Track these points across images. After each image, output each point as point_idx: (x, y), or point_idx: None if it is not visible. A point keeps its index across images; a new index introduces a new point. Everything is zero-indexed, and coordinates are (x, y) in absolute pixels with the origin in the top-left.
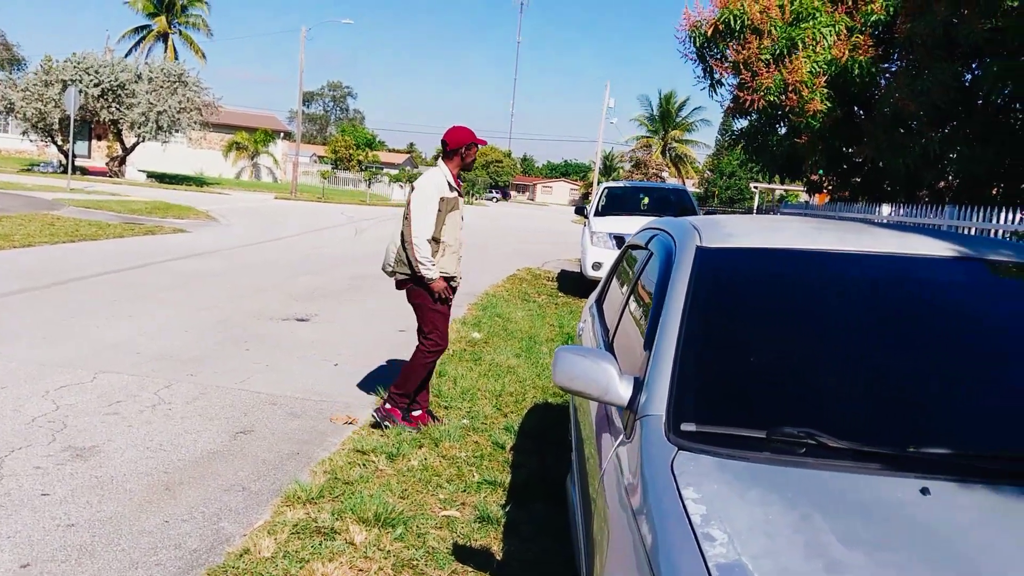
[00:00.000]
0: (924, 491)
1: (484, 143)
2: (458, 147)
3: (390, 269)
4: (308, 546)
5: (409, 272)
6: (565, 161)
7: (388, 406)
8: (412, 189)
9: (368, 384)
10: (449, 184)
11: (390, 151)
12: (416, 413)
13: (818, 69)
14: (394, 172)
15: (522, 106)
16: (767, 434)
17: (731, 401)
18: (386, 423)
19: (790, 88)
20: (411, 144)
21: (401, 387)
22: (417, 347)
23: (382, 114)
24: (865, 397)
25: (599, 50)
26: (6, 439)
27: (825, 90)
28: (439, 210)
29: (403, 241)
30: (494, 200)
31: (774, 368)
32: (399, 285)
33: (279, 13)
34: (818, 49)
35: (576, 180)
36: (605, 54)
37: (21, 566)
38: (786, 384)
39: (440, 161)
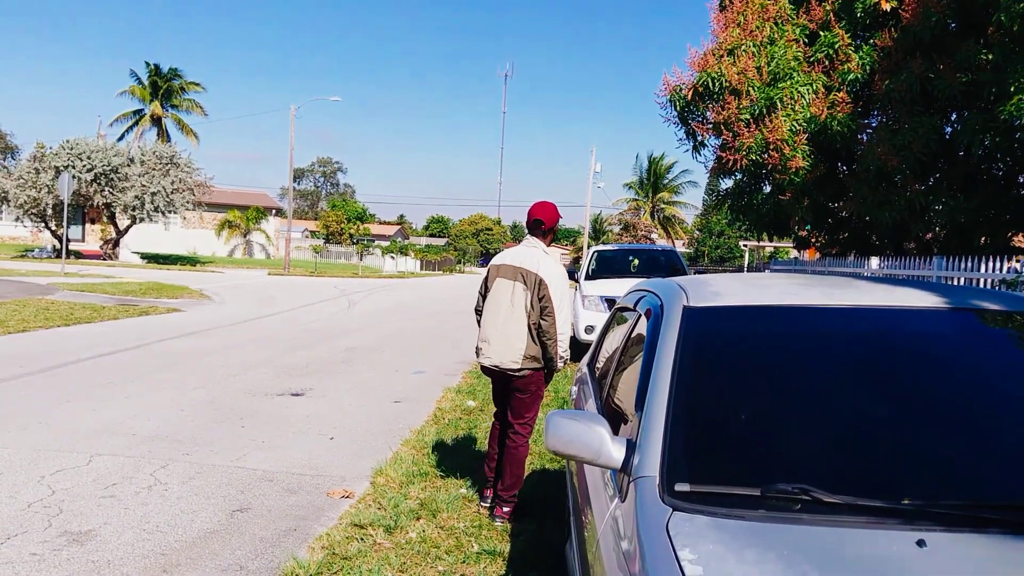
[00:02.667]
0: (920, 543)
1: None
2: (555, 224)
3: (516, 367)
4: None
5: (540, 365)
6: None
7: (506, 509)
8: (536, 280)
9: (363, 456)
10: None
11: (381, 223)
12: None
13: (798, 127)
14: (385, 244)
15: (510, 173)
16: (761, 491)
17: (724, 460)
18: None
19: (771, 147)
20: (401, 216)
21: (516, 486)
22: (519, 437)
23: (372, 187)
24: (858, 450)
25: (583, 116)
26: (2, 526)
27: (807, 147)
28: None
29: (539, 334)
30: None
31: (765, 425)
32: (508, 376)
33: (269, 92)
34: (797, 107)
35: (566, 244)
36: (590, 119)
37: None
38: (778, 440)
39: (535, 239)
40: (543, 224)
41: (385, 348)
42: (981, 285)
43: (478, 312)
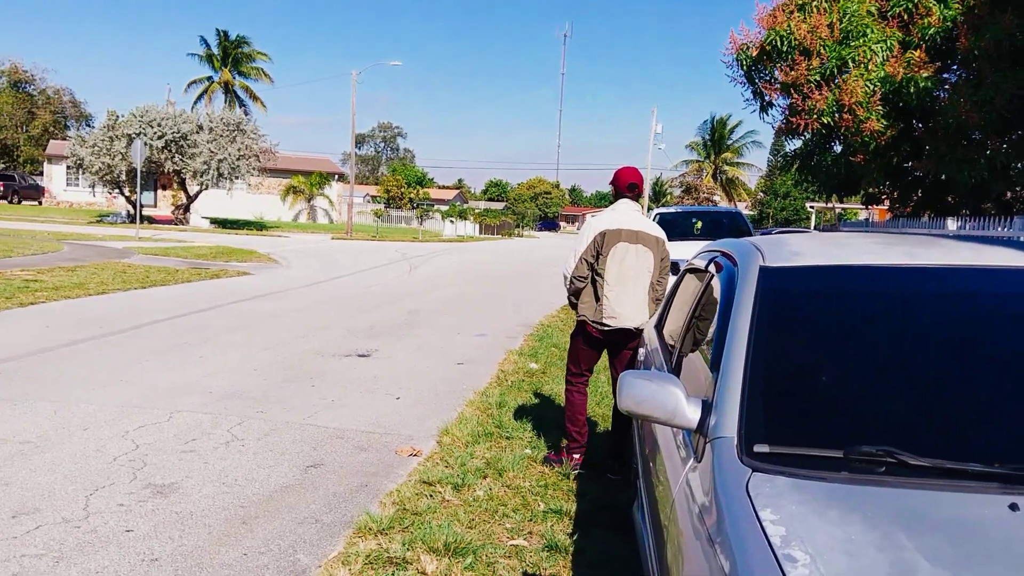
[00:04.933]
0: (1013, 507)
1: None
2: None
3: (643, 325)
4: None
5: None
6: None
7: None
8: (658, 241)
9: (429, 416)
10: None
11: (440, 187)
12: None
13: (872, 88)
14: (444, 208)
15: (568, 137)
16: (844, 453)
17: (804, 421)
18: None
19: (845, 109)
20: (460, 180)
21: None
22: None
23: (431, 151)
24: (944, 413)
25: (644, 76)
26: (90, 478)
27: (881, 108)
28: None
29: (654, 291)
30: (553, 229)
31: (847, 387)
32: (628, 337)
33: (330, 59)
34: (871, 67)
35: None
36: (650, 80)
37: None
38: (861, 402)
39: (634, 203)
40: (638, 187)
41: (447, 311)
42: None
43: (580, 279)
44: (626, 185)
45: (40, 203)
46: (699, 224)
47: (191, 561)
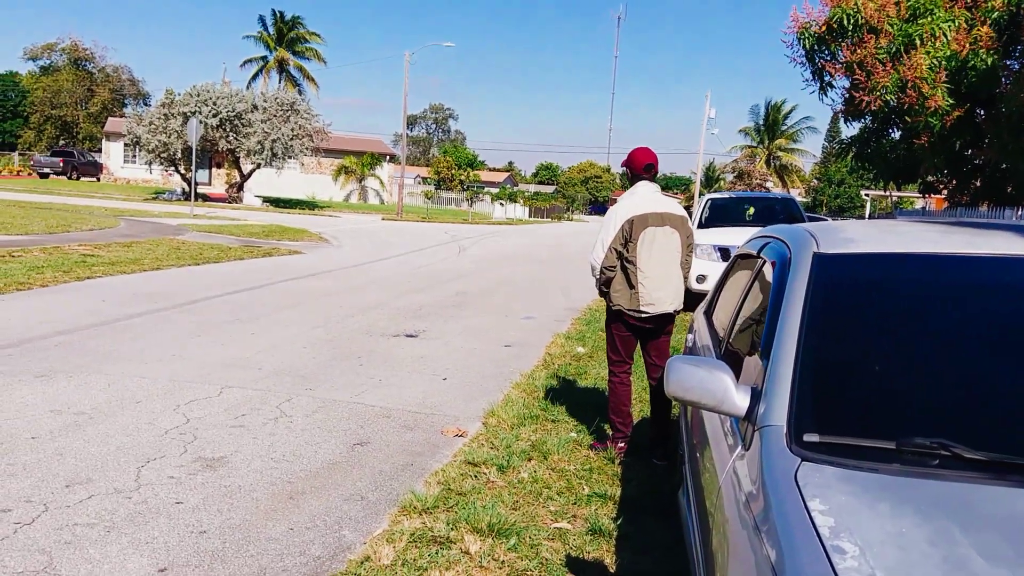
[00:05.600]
0: None
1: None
2: None
3: (679, 307)
4: (425, 554)
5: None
6: (665, 175)
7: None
8: (683, 220)
9: (475, 397)
10: None
11: (490, 170)
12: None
13: (938, 64)
14: (494, 191)
15: (620, 120)
16: (896, 444)
17: (856, 411)
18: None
19: (909, 85)
20: (510, 162)
21: None
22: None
23: (482, 133)
24: (1001, 407)
25: (698, 60)
26: (142, 450)
27: (946, 85)
28: None
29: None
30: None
31: (901, 377)
32: (666, 320)
33: (383, 40)
34: (937, 44)
35: (676, 193)
36: (704, 64)
37: (159, 570)
38: (915, 393)
39: (652, 184)
40: (654, 167)
41: (495, 293)
42: None
43: (610, 269)
44: (643, 167)
45: (98, 179)
46: (751, 210)
47: (239, 534)
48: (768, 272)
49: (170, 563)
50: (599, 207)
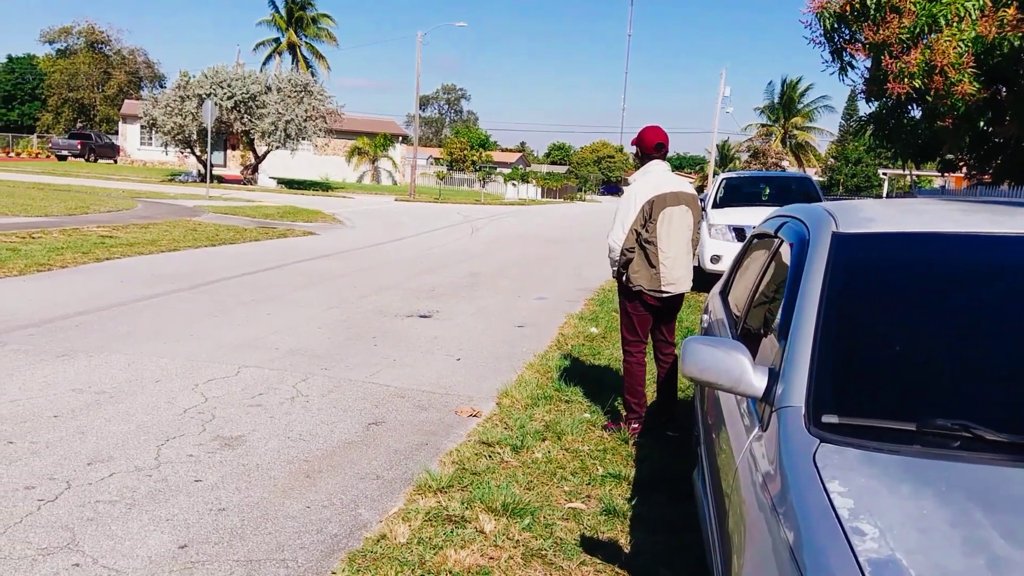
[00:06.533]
0: None
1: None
2: None
3: (691, 286)
4: (441, 533)
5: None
6: (678, 154)
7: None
8: (695, 199)
9: (489, 377)
10: None
11: (503, 151)
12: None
13: (964, 48)
14: (507, 171)
15: (634, 100)
16: (917, 426)
17: (876, 392)
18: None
19: (936, 71)
20: (522, 143)
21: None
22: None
23: (494, 114)
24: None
25: (712, 38)
26: (162, 429)
27: (973, 70)
28: None
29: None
30: (616, 194)
31: (921, 358)
32: (679, 300)
33: (394, 20)
34: (963, 26)
35: (690, 173)
36: (719, 42)
37: (179, 546)
38: (935, 375)
39: (663, 162)
40: (664, 146)
41: (508, 274)
42: None
43: (630, 250)
44: (653, 146)
45: (115, 161)
46: (767, 189)
47: (257, 512)
48: (786, 252)
49: (190, 540)
50: (612, 187)
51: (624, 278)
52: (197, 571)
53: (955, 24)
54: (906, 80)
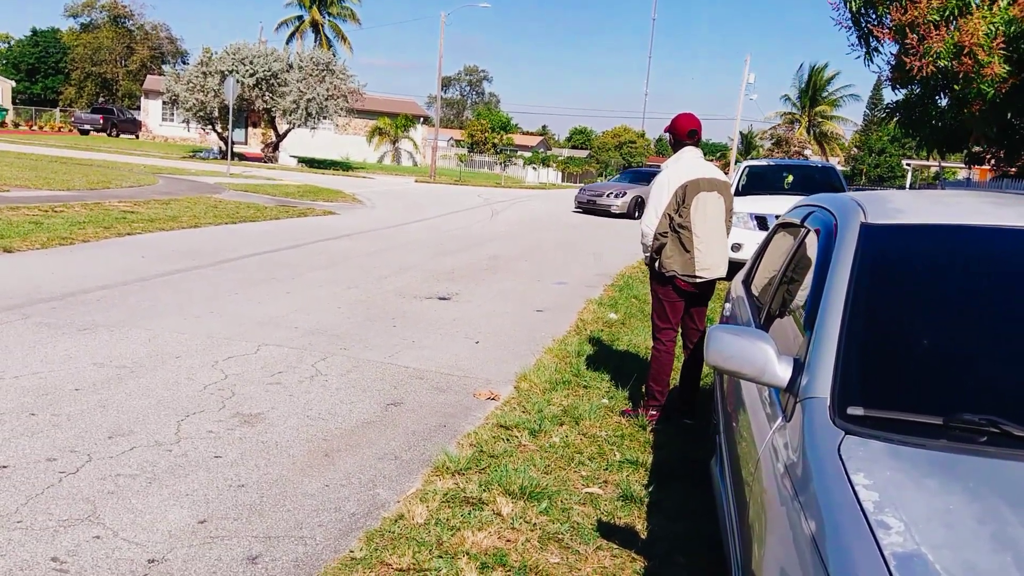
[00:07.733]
0: None
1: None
2: None
3: (726, 272)
4: (458, 515)
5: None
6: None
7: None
8: (727, 186)
9: (507, 361)
10: None
11: (524, 134)
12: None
13: (995, 30)
14: (527, 154)
15: (657, 85)
16: (944, 420)
17: (902, 385)
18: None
19: (965, 51)
20: (544, 126)
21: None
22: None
23: (516, 96)
24: None
25: (738, 23)
26: (182, 405)
27: (1003, 52)
28: None
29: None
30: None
31: (950, 352)
32: (712, 286)
33: (416, 1)
34: (995, 8)
35: (713, 160)
36: (744, 28)
37: (199, 522)
38: (964, 369)
39: (696, 149)
40: (697, 133)
41: (527, 258)
42: None
43: (664, 235)
44: (686, 132)
45: (137, 137)
46: (790, 178)
47: (276, 489)
48: (812, 242)
49: (209, 515)
50: (635, 173)
51: (657, 264)
52: (216, 546)
53: (985, 7)
54: (931, 60)
